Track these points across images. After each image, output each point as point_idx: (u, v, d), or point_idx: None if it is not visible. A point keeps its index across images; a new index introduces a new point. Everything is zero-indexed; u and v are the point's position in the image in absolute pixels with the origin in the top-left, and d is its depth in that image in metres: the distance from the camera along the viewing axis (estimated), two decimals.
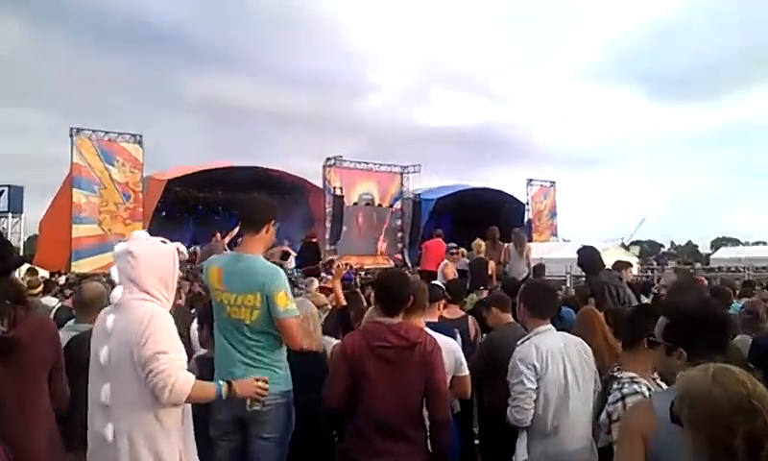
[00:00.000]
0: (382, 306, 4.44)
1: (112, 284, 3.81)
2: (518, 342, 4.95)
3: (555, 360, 4.77)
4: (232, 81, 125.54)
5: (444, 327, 5.83)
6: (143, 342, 3.60)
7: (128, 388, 3.64)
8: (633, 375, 4.07)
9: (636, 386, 3.98)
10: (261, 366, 4.49)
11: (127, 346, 3.63)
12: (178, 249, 3.91)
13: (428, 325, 5.18)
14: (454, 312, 7.09)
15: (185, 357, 3.76)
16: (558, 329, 5.05)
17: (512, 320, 6.16)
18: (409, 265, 28.23)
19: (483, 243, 13.07)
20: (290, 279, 5.52)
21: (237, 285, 4.57)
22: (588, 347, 4.99)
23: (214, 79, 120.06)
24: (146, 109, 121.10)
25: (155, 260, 3.80)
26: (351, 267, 23.02)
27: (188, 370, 3.78)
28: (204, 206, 34.98)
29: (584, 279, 9.51)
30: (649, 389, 3.98)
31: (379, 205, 34.37)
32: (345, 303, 6.18)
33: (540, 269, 12.69)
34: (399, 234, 35.01)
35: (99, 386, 3.71)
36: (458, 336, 5.92)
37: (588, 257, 8.55)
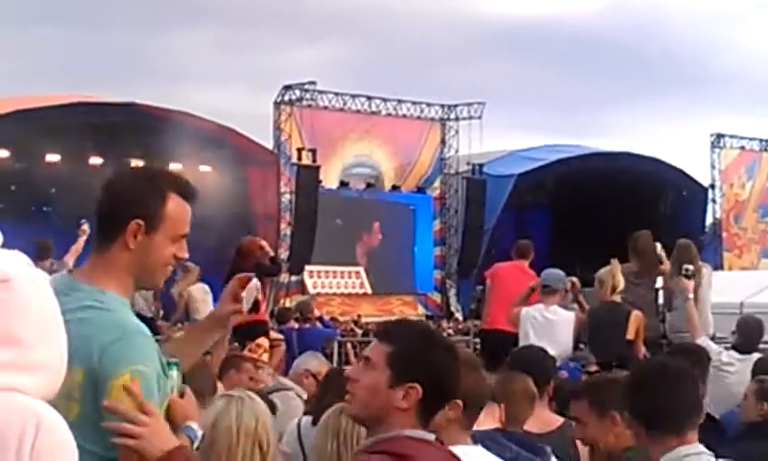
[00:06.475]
0: (430, 407, 2.57)
1: None
2: None
3: None
4: None
5: (528, 444, 3.97)
6: None
7: None
8: None
9: None
10: None
11: None
12: None
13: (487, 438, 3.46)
14: (544, 418, 4.80)
15: None
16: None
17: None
18: (458, 315, 19.62)
19: (618, 269, 8.03)
20: None
21: None
22: None
23: None
24: None
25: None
26: (337, 320, 15.41)
27: None
28: (17, 186, 20.79)
29: None
30: None
31: (394, 187, 21.08)
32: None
33: (745, 325, 7.51)
34: (438, 250, 21.45)
35: None
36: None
37: None
